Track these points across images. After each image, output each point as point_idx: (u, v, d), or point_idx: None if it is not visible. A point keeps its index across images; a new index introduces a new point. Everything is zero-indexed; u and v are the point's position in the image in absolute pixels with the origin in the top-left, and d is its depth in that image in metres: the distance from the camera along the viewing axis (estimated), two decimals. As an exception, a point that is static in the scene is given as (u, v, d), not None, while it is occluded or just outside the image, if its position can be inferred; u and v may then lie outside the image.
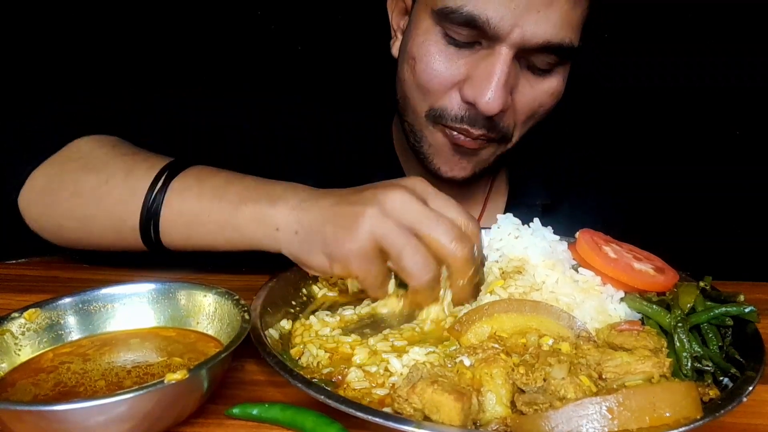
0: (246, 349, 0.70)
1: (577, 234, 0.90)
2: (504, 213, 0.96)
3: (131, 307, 0.79)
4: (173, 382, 0.59)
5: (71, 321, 0.76)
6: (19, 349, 0.72)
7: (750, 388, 0.65)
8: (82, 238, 0.99)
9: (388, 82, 1.15)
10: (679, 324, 0.76)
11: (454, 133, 1.04)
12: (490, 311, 0.77)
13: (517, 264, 0.86)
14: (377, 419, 0.59)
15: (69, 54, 1.77)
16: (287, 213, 0.84)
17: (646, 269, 0.85)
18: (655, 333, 0.75)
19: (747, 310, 0.78)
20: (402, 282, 0.83)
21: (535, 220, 0.93)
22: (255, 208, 0.86)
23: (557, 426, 0.59)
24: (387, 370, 0.72)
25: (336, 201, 0.82)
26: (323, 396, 0.62)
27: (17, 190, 0.98)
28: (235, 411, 0.68)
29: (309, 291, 0.93)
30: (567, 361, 0.67)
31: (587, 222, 0.94)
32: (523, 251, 0.87)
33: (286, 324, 0.84)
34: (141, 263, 1.01)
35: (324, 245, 0.80)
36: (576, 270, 0.87)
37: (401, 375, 0.70)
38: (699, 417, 0.60)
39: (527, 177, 1.28)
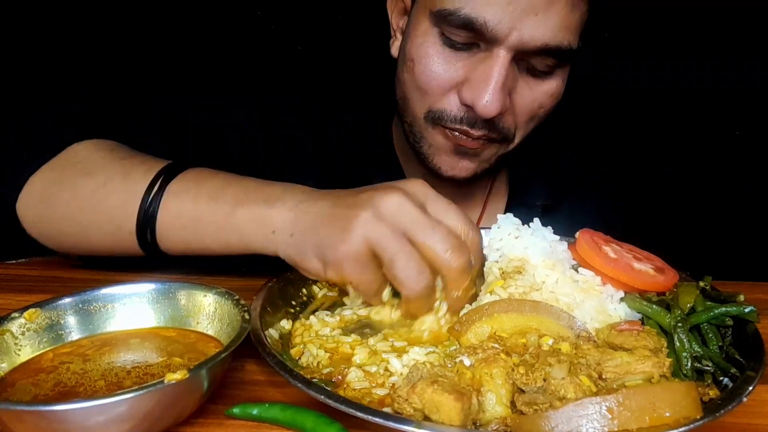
0: (246, 349, 0.69)
1: (577, 234, 0.90)
2: (504, 213, 0.95)
3: (131, 307, 0.78)
4: (173, 382, 0.59)
5: (71, 321, 0.76)
6: (19, 349, 0.72)
7: (750, 388, 0.66)
8: (80, 243, 0.98)
9: (388, 82, 1.15)
10: (679, 324, 0.76)
11: (454, 134, 1.04)
12: (490, 311, 0.77)
13: (517, 264, 0.86)
14: (377, 419, 0.59)
15: (69, 54, 1.77)
16: (284, 214, 0.82)
17: (646, 269, 0.85)
18: (655, 333, 0.75)
19: (747, 310, 0.78)
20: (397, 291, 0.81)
21: (535, 220, 0.92)
22: (252, 209, 0.84)
23: (557, 426, 0.59)
24: (387, 370, 0.72)
25: (332, 203, 0.80)
26: (323, 396, 0.62)
27: (15, 196, 0.97)
28: (235, 411, 0.68)
29: (309, 291, 0.93)
30: (567, 361, 0.67)
31: (587, 223, 0.93)
32: (523, 251, 0.87)
33: (286, 324, 0.84)
34: (141, 263, 1.01)
35: (317, 249, 0.78)
36: (576, 270, 0.87)
37: (401, 375, 0.70)
38: (699, 417, 0.60)
39: (527, 178, 1.28)
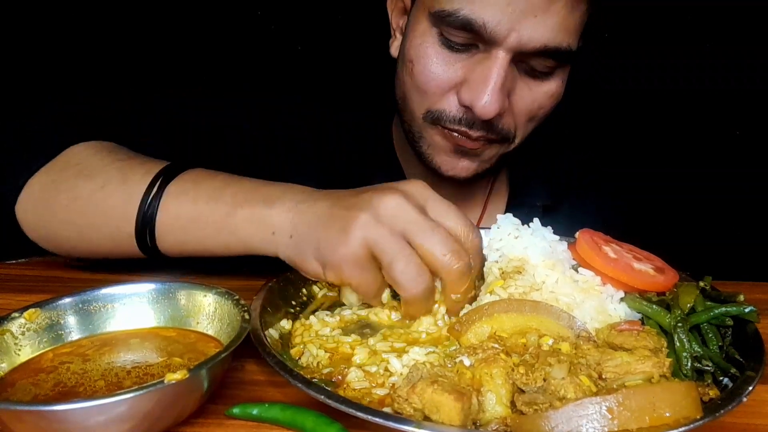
0: (246, 349, 0.69)
1: (577, 234, 0.90)
2: (504, 214, 0.95)
3: (131, 307, 0.78)
4: (173, 382, 0.59)
5: (71, 321, 0.76)
6: (19, 349, 0.72)
7: (750, 388, 0.66)
8: (79, 246, 0.98)
9: (388, 82, 1.15)
10: (679, 324, 0.76)
11: (453, 135, 1.04)
12: (490, 311, 0.77)
13: (517, 264, 0.86)
14: (377, 419, 0.59)
15: (69, 54, 1.77)
16: (283, 215, 0.82)
17: (646, 269, 0.85)
18: (655, 333, 0.75)
19: (747, 310, 0.78)
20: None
21: (535, 220, 0.92)
22: (252, 209, 0.84)
23: (557, 426, 0.59)
24: (387, 370, 0.72)
25: (331, 204, 0.80)
26: (323, 396, 0.62)
27: (15, 198, 0.97)
28: (235, 411, 0.68)
29: (309, 291, 0.93)
30: (567, 361, 0.67)
31: (587, 223, 0.93)
32: (523, 251, 0.87)
33: (286, 324, 0.84)
34: (141, 264, 1.01)
35: (316, 251, 0.78)
36: (576, 270, 0.87)
37: (401, 375, 0.70)
38: (699, 417, 0.60)
39: (528, 178, 1.28)
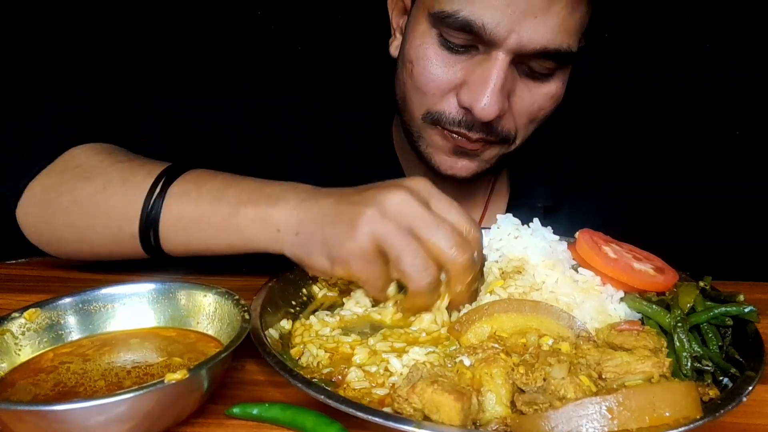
0: (246, 349, 0.69)
1: (577, 234, 0.90)
2: (505, 214, 0.95)
3: (131, 307, 0.78)
4: (173, 382, 0.59)
5: (71, 321, 0.76)
6: (19, 349, 0.72)
7: (750, 388, 0.66)
8: (81, 248, 0.98)
9: (388, 82, 1.14)
10: (679, 324, 0.77)
11: (453, 136, 1.04)
12: (490, 311, 0.77)
13: (517, 264, 0.86)
14: (377, 419, 0.59)
15: (69, 54, 1.77)
16: (288, 213, 0.83)
17: (645, 269, 0.85)
18: (655, 333, 0.75)
19: (747, 310, 0.78)
20: (402, 286, 0.82)
21: (535, 220, 0.92)
22: (255, 209, 0.85)
23: (557, 426, 0.59)
24: (387, 370, 0.72)
25: (336, 200, 0.81)
26: (323, 396, 0.62)
27: (15, 201, 0.97)
28: (235, 411, 0.68)
29: (309, 291, 0.93)
30: (567, 361, 0.67)
31: (587, 224, 0.93)
32: (523, 251, 0.87)
33: (286, 324, 0.84)
34: (141, 264, 1.01)
35: (324, 246, 0.79)
36: (576, 270, 0.87)
37: (401, 375, 0.70)
38: (699, 417, 0.60)
39: (528, 179, 1.28)
